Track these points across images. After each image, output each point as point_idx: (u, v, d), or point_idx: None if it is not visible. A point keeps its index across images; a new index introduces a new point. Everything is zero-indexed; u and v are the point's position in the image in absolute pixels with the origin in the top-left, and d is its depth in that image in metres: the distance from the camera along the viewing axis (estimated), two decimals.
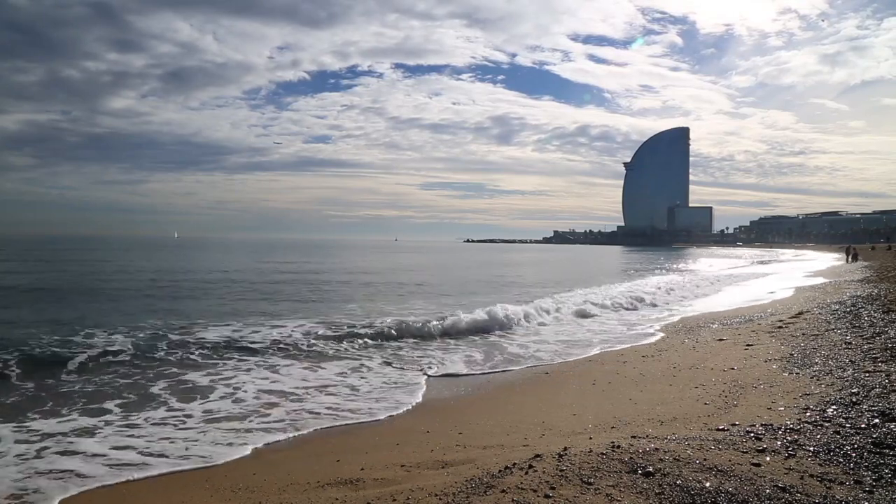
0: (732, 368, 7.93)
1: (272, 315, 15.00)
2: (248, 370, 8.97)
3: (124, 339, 10.70)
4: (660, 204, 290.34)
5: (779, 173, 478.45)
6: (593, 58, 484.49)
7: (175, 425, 6.32)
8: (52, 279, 25.55)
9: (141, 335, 11.18)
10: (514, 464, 4.22)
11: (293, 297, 20.30)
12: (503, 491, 3.77)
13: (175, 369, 8.89)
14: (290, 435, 6.06)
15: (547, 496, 3.65)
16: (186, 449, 5.56)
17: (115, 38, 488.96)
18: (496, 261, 61.02)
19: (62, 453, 5.42)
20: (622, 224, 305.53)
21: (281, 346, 10.73)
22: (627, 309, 17.20)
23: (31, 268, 33.37)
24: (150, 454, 5.41)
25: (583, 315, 15.61)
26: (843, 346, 8.45)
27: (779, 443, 4.43)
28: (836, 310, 12.77)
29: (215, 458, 5.35)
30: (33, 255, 49.94)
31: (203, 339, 11.08)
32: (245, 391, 7.71)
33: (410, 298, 20.16)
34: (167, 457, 5.35)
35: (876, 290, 16.57)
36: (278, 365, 9.31)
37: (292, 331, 12.09)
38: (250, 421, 6.48)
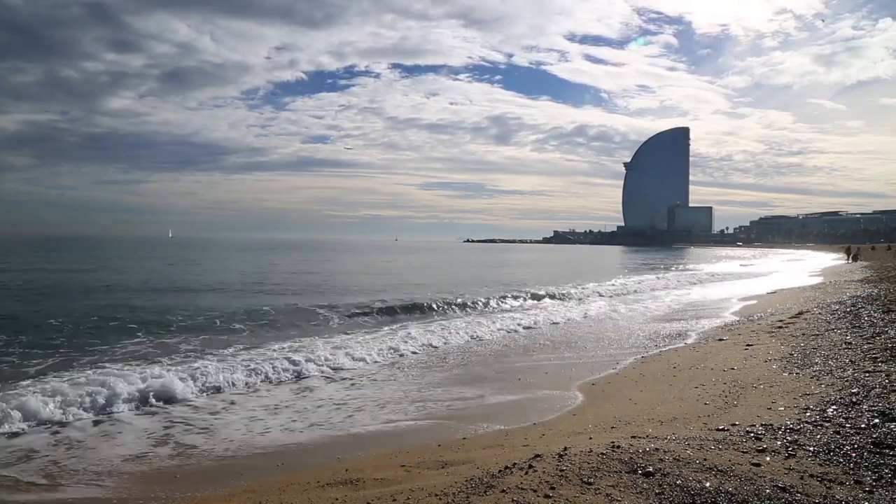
0: (732, 368, 7.92)
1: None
2: None
3: None
4: (660, 204, 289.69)
5: (777, 173, 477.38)
6: (590, 58, 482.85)
7: None
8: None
9: None
10: (514, 464, 4.22)
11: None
12: (503, 491, 3.77)
13: None
14: None
15: (547, 496, 3.65)
16: None
17: (112, 39, 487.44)
18: (496, 261, 60.96)
19: None
20: (622, 224, 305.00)
21: None
22: None
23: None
24: None
25: None
26: (843, 346, 8.44)
27: (779, 443, 4.43)
28: (836, 310, 12.76)
29: None
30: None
31: None
32: None
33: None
34: None
35: (876, 290, 16.56)
36: None
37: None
38: None
